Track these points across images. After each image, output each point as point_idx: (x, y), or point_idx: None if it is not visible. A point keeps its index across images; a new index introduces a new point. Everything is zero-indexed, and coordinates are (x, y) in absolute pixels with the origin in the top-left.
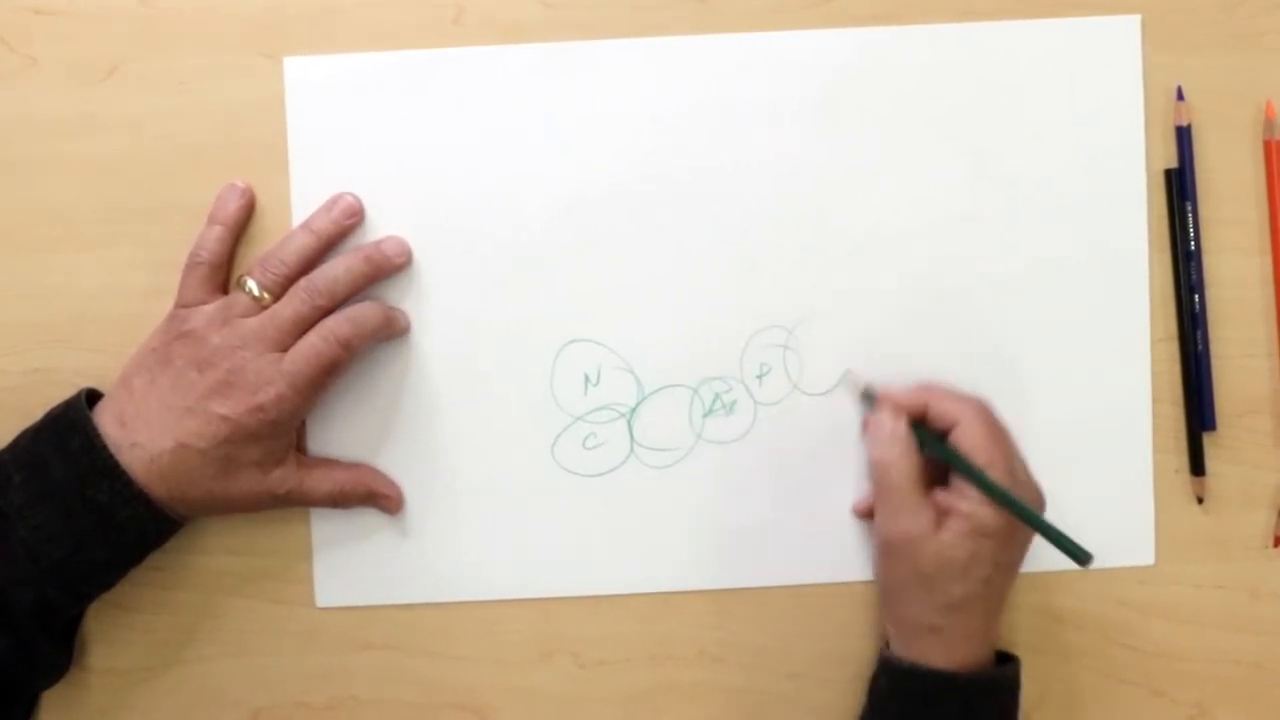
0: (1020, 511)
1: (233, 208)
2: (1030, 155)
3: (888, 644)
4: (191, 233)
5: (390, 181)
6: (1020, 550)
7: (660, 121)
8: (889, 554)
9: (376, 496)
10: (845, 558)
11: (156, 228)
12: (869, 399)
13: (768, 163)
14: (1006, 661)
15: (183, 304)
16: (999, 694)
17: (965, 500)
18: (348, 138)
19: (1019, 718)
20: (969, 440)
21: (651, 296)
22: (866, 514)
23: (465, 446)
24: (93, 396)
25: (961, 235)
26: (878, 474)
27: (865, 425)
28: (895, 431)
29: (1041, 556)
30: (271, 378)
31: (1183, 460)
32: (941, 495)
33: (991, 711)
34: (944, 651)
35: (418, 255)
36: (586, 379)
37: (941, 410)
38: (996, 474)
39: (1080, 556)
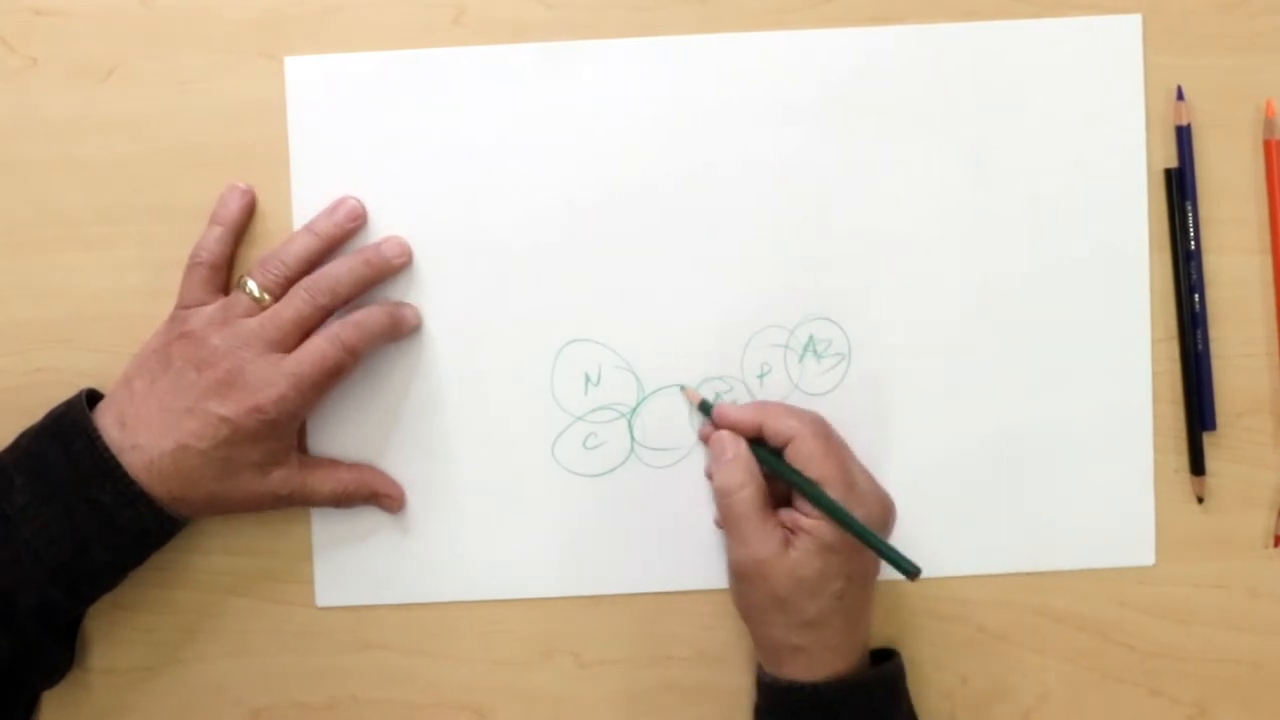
0: (850, 524)
1: (234, 208)
2: (1030, 155)
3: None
4: (192, 233)
5: (391, 181)
6: (871, 560)
7: (661, 121)
8: (742, 579)
9: (379, 496)
10: None
11: (156, 228)
12: (705, 410)
13: (768, 163)
14: (887, 660)
15: (183, 305)
16: (870, 696)
17: (808, 517)
18: (348, 137)
19: (904, 711)
20: (803, 455)
21: (652, 296)
22: None
23: (466, 446)
24: (93, 397)
25: (962, 235)
26: (722, 501)
27: (702, 437)
28: (736, 454)
29: (1041, 558)
30: (272, 378)
31: (1183, 460)
32: (786, 514)
33: (865, 714)
34: (809, 667)
35: (418, 255)
36: (587, 379)
37: (776, 428)
38: (832, 488)
39: (908, 570)
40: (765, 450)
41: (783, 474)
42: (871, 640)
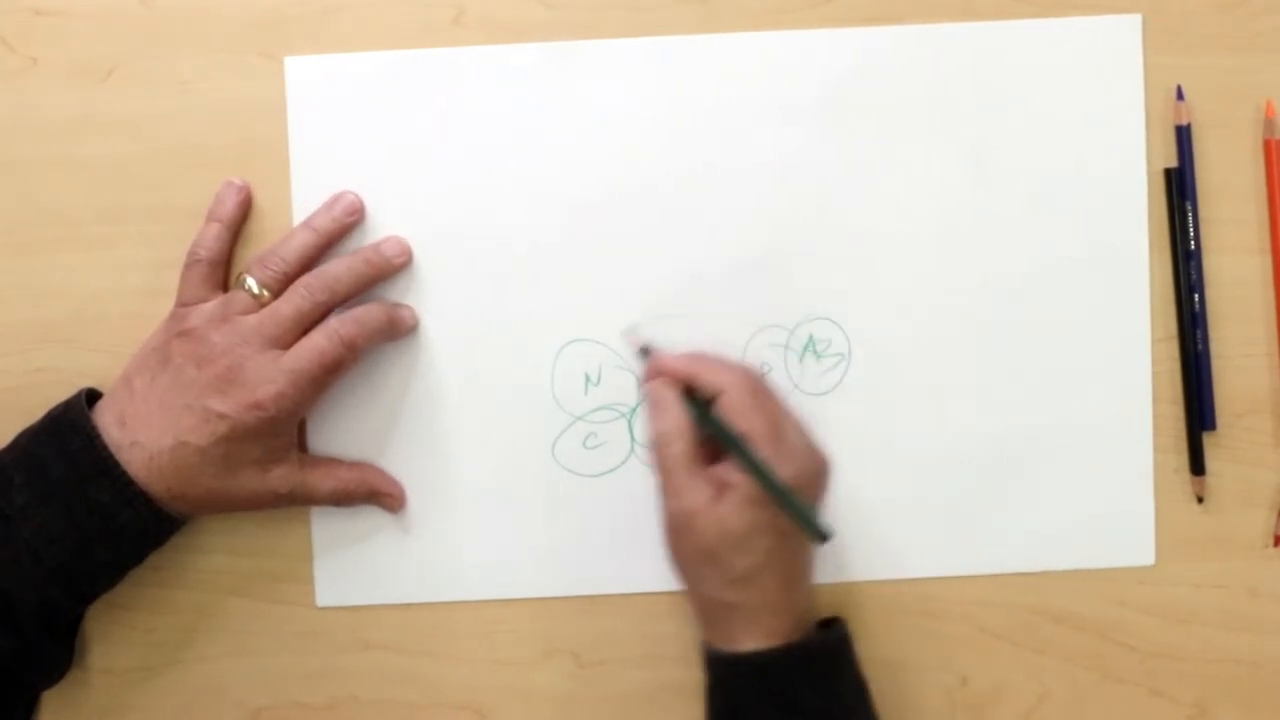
0: (765, 481)
1: (230, 205)
2: (1031, 155)
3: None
4: (192, 233)
5: (391, 181)
6: None
7: (661, 121)
8: (673, 532)
9: (379, 495)
10: (843, 557)
11: (156, 228)
12: (645, 355)
13: (768, 163)
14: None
15: (183, 302)
16: (813, 662)
17: (736, 471)
18: (348, 137)
19: (853, 679)
20: (732, 408)
21: (652, 296)
22: None
23: (466, 446)
24: (92, 396)
25: (962, 235)
26: (654, 449)
27: (641, 383)
28: (668, 405)
29: (1041, 556)
30: (271, 375)
31: (1183, 460)
32: (719, 468)
33: (812, 680)
34: (747, 627)
35: (418, 255)
36: (587, 379)
37: (708, 379)
38: (758, 442)
39: (819, 534)
40: (696, 402)
41: (708, 427)
42: (860, 631)
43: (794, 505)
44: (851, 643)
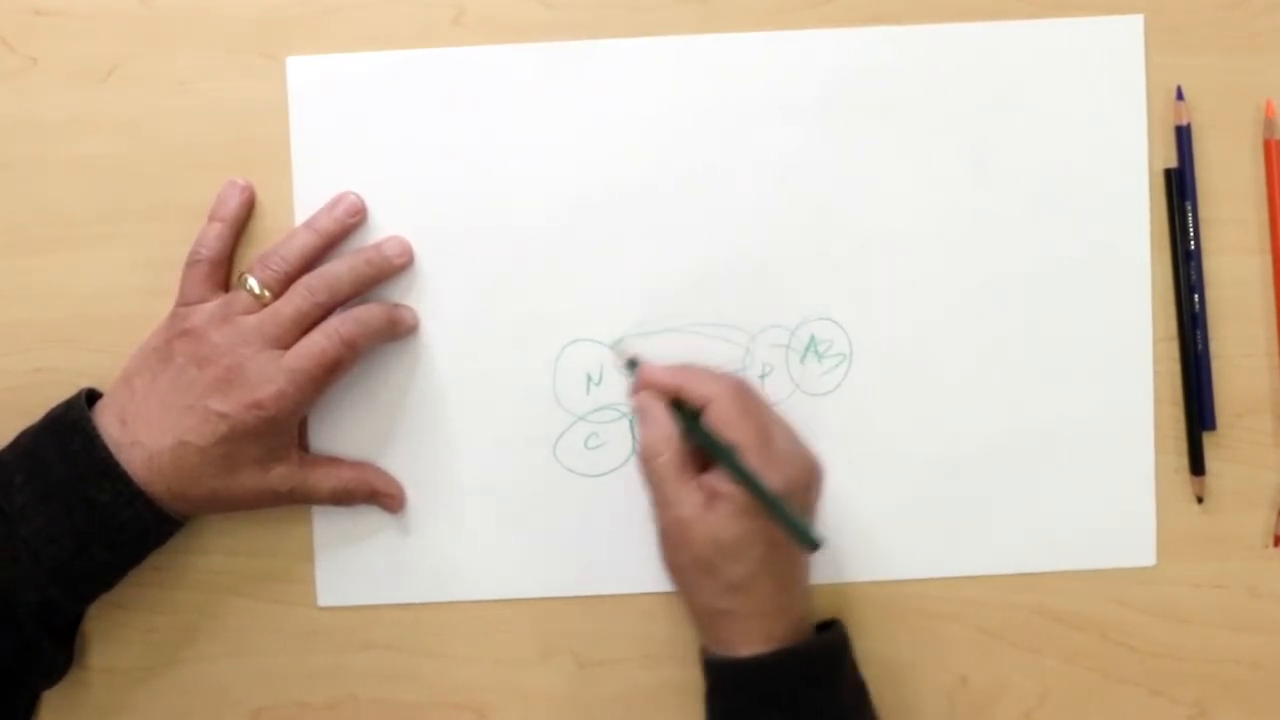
0: (755, 491)
1: (233, 205)
2: (1031, 156)
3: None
4: (192, 233)
5: (392, 181)
6: None
7: (661, 122)
8: (667, 542)
9: (379, 495)
10: (844, 558)
11: (156, 228)
12: (633, 367)
13: (769, 163)
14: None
15: (184, 302)
16: (810, 666)
17: (727, 481)
18: (350, 137)
19: (852, 681)
20: (720, 419)
21: (653, 296)
22: None
23: (467, 446)
24: (93, 396)
25: (963, 235)
26: (644, 460)
27: (630, 394)
28: (655, 416)
29: (1041, 557)
30: (271, 375)
31: (1183, 460)
32: (709, 477)
33: (809, 683)
34: (743, 634)
35: (420, 255)
36: (589, 379)
37: (695, 390)
38: (747, 452)
39: (809, 542)
40: (685, 413)
41: (698, 438)
42: (860, 631)
43: (784, 515)
44: (849, 645)
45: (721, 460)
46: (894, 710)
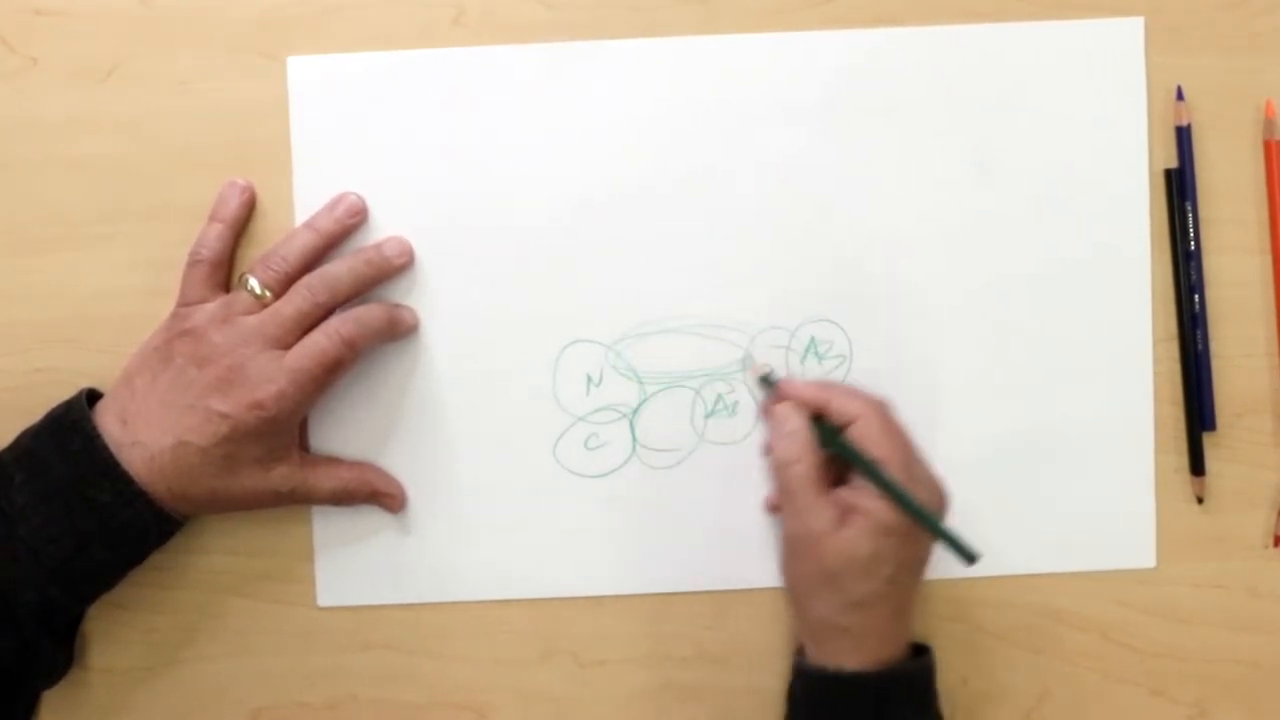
0: (910, 507)
1: (233, 205)
2: (1032, 157)
3: (801, 649)
4: (192, 233)
5: (392, 181)
6: (924, 548)
7: (661, 122)
8: (793, 552)
9: (379, 495)
10: None
11: (156, 228)
12: (768, 385)
13: (769, 164)
14: (922, 654)
15: (184, 302)
16: (910, 688)
17: (866, 497)
18: (350, 137)
19: (937, 706)
20: (866, 436)
21: (653, 297)
22: (778, 509)
23: (467, 446)
24: (93, 396)
25: (963, 236)
26: (778, 472)
27: (762, 412)
28: (795, 428)
29: (1041, 558)
30: (272, 375)
31: (1183, 460)
32: (844, 492)
33: (904, 705)
34: (854, 651)
35: (420, 255)
36: (588, 379)
37: (841, 407)
38: (892, 470)
39: (969, 555)
40: (826, 428)
41: (844, 452)
42: None
43: (940, 529)
44: (935, 673)
45: (868, 475)
46: None
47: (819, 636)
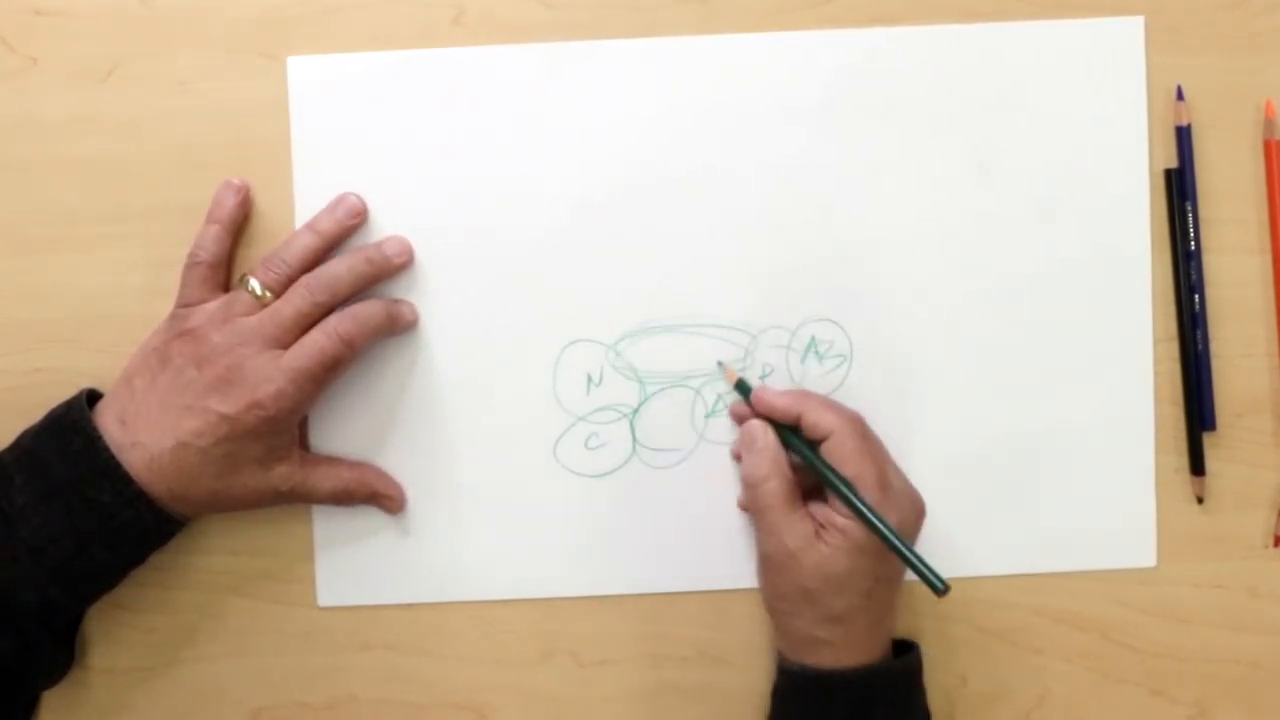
0: (881, 533)
1: (229, 205)
2: (1032, 156)
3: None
4: (192, 233)
5: (392, 181)
6: (900, 562)
7: (661, 122)
8: (769, 568)
9: (379, 496)
10: None
11: (156, 228)
12: (743, 390)
13: (769, 164)
14: (907, 652)
15: (183, 303)
16: (893, 685)
17: (841, 515)
18: (351, 137)
19: (922, 703)
20: (839, 453)
21: (654, 297)
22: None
23: (467, 446)
24: (93, 396)
25: (963, 236)
26: (750, 490)
27: (732, 415)
28: (765, 444)
29: (1041, 557)
30: (271, 375)
31: (1183, 460)
32: (817, 508)
33: (887, 702)
34: (833, 660)
35: (420, 255)
36: (589, 379)
37: (815, 421)
38: (865, 488)
39: (935, 585)
40: (801, 442)
41: (817, 470)
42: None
43: (912, 558)
44: (923, 668)
45: (840, 495)
46: None
47: (798, 647)
